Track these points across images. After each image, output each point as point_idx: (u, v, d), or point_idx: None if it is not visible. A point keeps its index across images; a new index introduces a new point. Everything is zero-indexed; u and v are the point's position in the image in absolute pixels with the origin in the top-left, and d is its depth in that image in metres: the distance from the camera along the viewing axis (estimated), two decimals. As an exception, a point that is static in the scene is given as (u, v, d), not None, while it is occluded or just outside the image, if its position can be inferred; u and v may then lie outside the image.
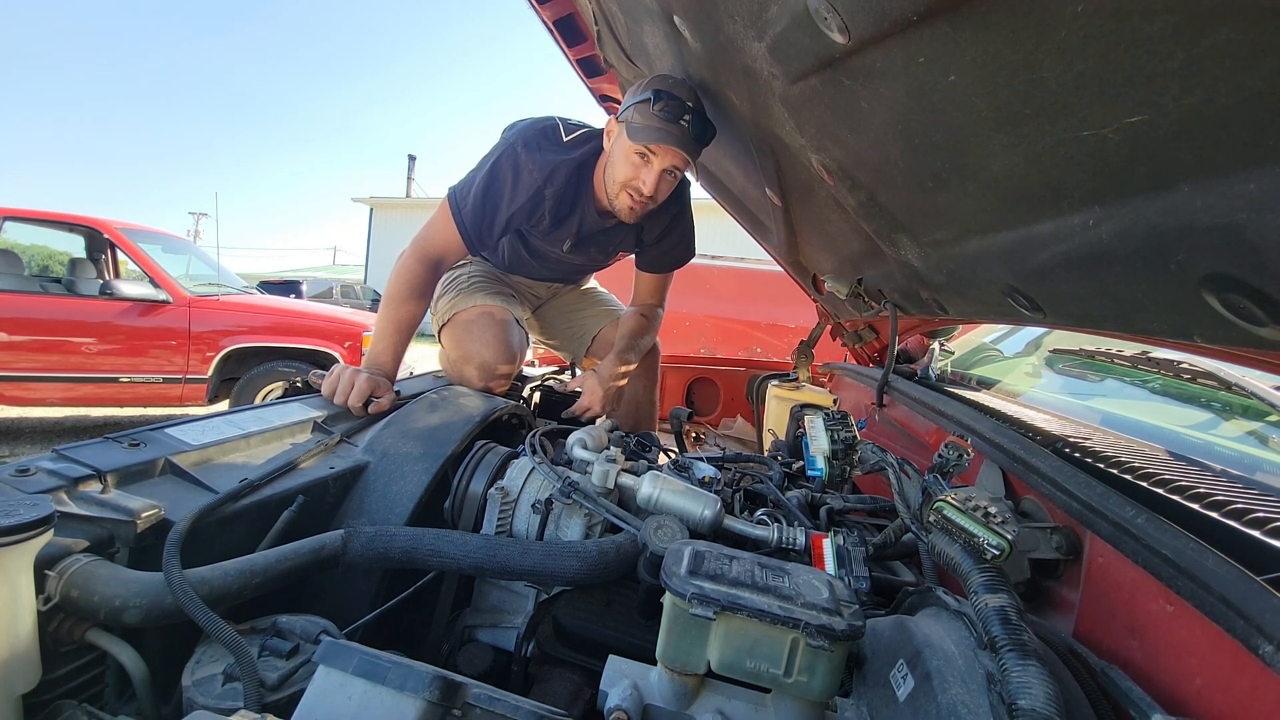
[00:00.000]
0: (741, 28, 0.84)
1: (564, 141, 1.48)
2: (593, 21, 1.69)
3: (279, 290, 11.55)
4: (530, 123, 1.51)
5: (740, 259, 5.66)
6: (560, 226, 1.55)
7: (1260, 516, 0.60)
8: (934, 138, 0.69)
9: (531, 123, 1.50)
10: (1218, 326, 0.54)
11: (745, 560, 0.61)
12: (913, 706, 0.52)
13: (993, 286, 0.88)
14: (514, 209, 1.45)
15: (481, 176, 1.45)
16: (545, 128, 1.49)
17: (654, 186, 1.38)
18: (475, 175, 1.47)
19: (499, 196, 1.45)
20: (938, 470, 0.82)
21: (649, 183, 1.38)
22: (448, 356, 1.60)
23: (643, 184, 1.38)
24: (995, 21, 0.49)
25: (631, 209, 1.45)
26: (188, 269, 4.70)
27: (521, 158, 1.44)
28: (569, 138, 1.48)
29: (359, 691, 0.47)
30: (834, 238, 1.38)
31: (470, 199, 1.45)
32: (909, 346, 1.93)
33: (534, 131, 1.47)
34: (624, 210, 1.46)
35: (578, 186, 1.49)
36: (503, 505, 0.91)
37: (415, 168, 23.64)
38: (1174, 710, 0.50)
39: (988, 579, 0.59)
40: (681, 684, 0.59)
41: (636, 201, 1.42)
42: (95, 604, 0.57)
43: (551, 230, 1.56)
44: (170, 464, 0.79)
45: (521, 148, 1.44)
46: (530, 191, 1.44)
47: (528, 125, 1.50)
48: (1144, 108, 0.45)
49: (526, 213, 1.48)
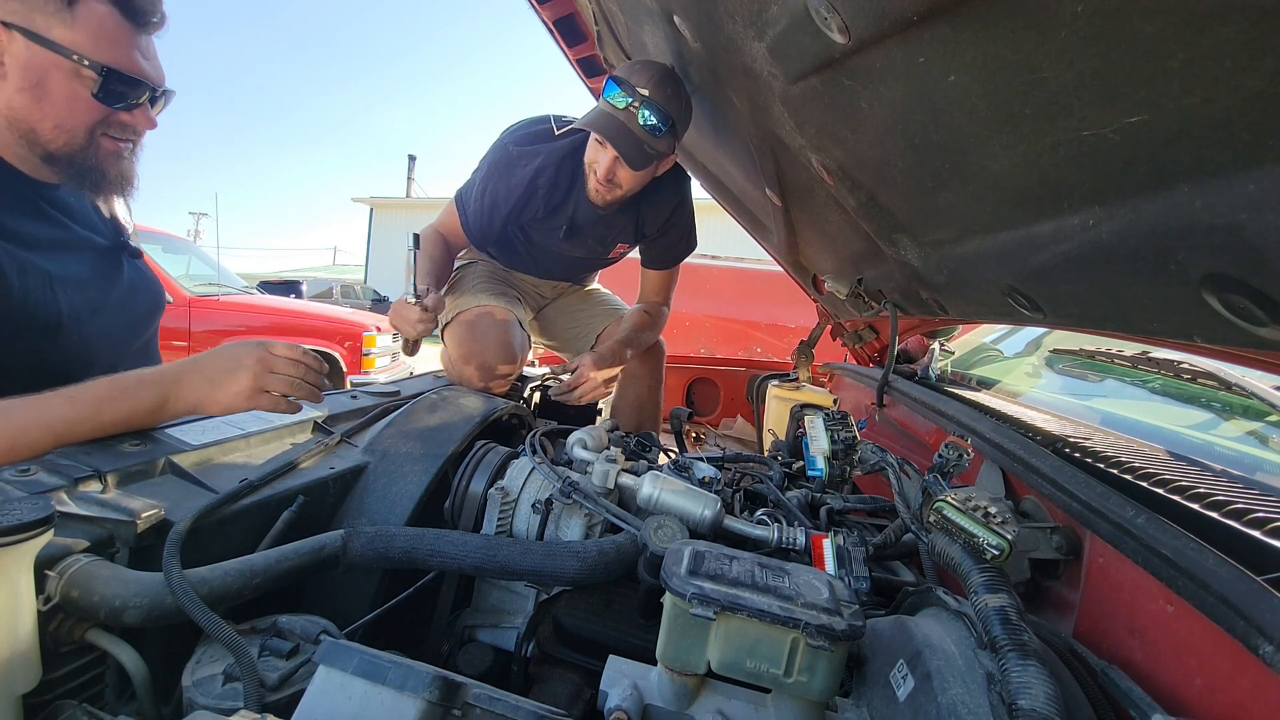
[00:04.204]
0: (741, 28, 0.84)
1: (555, 135, 1.55)
2: (593, 21, 1.70)
3: (279, 290, 11.54)
4: (524, 122, 1.61)
5: (740, 259, 5.66)
6: (554, 215, 1.60)
7: (1260, 516, 0.60)
8: (934, 138, 0.69)
9: (525, 122, 1.60)
10: (1218, 326, 0.55)
11: (745, 560, 0.61)
12: (913, 707, 0.52)
13: (993, 286, 0.88)
14: (510, 204, 1.54)
15: (480, 177, 1.55)
16: (537, 126, 1.57)
17: (606, 171, 1.44)
18: (475, 176, 1.57)
19: (496, 194, 1.54)
20: (938, 470, 0.82)
21: (602, 166, 1.44)
22: (449, 356, 1.60)
23: (598, 166, 1.45)
24: (995, 21, 0.49)
25: (597, 190, 1.50)
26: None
27: (513, 153, 1.53)
28: (560, 130, 1.55)
29: (359, 691, 0.47)
30: (834, 238, 1.38)
31: (472, 199, 1.56)
32: (909, 346, 1.93)
33: (525, 129, 1.57)
34: (592, 192, 1.52)
35: (571, 174, 1.55)
36: (503, 505, 0.91)
37: (415, 168, 23.65)
38: (1174, 710, 0.50)
39: (988, 579, 0.59)
40: (681, 684, 0.59)
41: (599, 183, 1.48)
42: (95, 604, 0.57)
43: (546, 219, 1.61)
44: (170, 464, 0.79)
45: (513, 145, 1.54)
46: (523, 185, 1.52)
47: (520, 124, 1.60)
48: (1144, 108, 0.45)
49: (522, 205, 1.56)
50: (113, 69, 0.88)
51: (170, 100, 1.01)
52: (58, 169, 0.93)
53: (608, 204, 1.54)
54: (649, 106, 1.34)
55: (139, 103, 0.94)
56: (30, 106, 0.87)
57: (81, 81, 0.87)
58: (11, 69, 0.85)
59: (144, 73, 0.92)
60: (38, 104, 0.87)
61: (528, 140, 1.54)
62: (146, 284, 1.15)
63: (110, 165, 0.95)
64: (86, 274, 1.00)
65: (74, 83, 0.87)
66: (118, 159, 0.96)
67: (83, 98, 0.88)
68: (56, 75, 0.86)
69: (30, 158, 0.91)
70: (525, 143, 1.54)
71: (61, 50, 0.84)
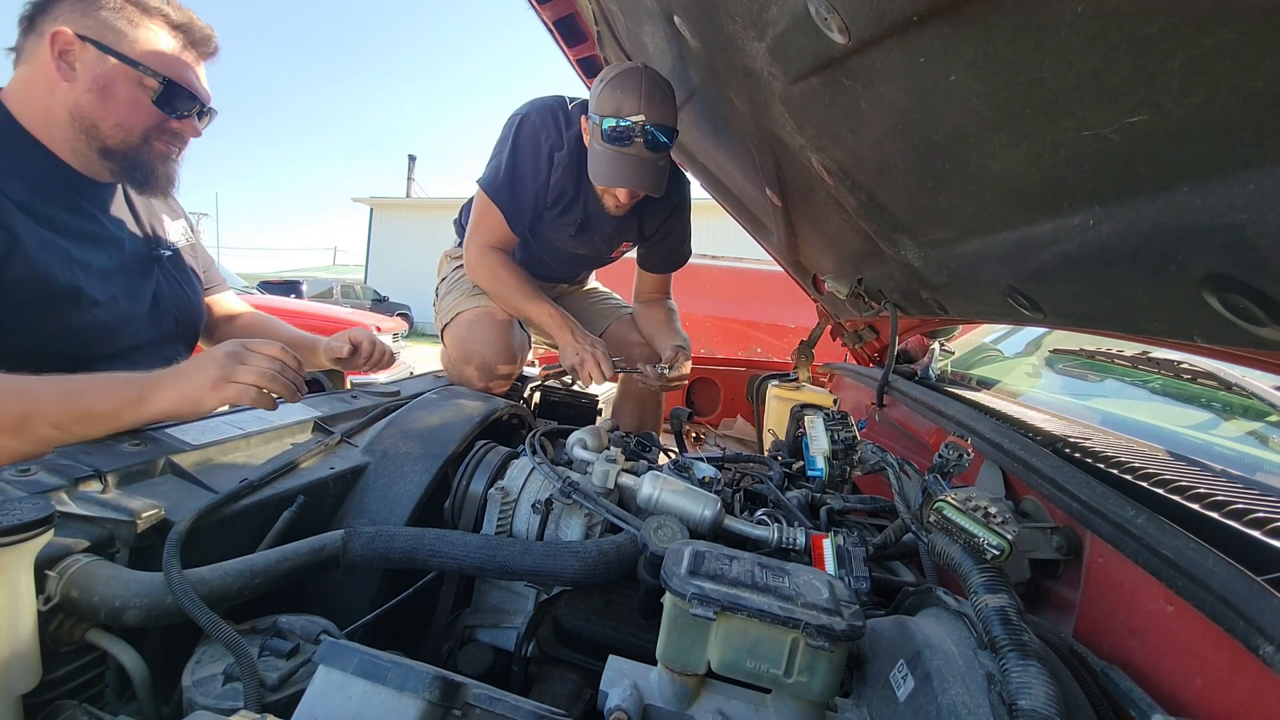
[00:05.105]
0: (741, 28, 0.84)
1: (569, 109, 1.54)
2: (593, 22, 1.70)
3: (279, 290, 11.56)
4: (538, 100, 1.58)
5: (740, 259, 5.66)
6: (567, 212, 1.59)
7: (1260, 516, 0.60)
8: (934, 138, 0.69)
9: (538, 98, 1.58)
10: (1218, 326, 0.54)
11: (745, 560, 0.61)
12: (913, 707, 0.52)
13: (993, 286, 0.88)
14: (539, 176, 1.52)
15: (507, 152, 1.51)
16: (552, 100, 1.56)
17: (628, 197, 1.47)
18: (499, 156, 1.53)
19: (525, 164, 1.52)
20: (938, 470, 0.82)
21: (623, 195, 1.47)
22: (449, 356, 1.60)
23: (617, 196, 1.48)
24: (995, 21, 0.49)
25: (617, 208, 1.52)
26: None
27: (535, 122, 1.51)
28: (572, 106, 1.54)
29: (359, 691, 0.47)
30: (834, 238, 1.38)
31: (500, 175, 1.51)
32: (909, 346, 1.93)
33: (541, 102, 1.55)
34: (610, 209, 1.54)
35: (579, 169, 1.53)
36: (503, 505, 0.91)
37: (415, 168, 23.65)
38: (1174, 710, 0.50)
39: (988, 579, 0.59)
40: (681, 684, 0.59)
41: (619, 205, 1.51)
42: (95, 604, 0.57)
43: (560, 215, 1.59)
44: (170, 464, 0.79)
45: (535, 115, 1.52)
46: (546, 153, 1.51)
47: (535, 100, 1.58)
48: (1144, 108, 0.45)
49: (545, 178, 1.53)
50: (172, 81, 1.02)
51: (214, 118, 1.15)
52: (111, 163, 1.04)
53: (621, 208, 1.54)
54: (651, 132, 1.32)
55: (189, 114, 1.08)
56: (95, 106, 0.99)
57: (144, 90, 1.01)
58: (82, 74, 0.97)
59: (197, 89, 1.07)
60: (102, 104, 0.99)
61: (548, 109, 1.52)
62: (179, 301, 1.20)
63: (159, 164, 1.08)
64: (110, 267, 1.05)
65: (137, 90, 1.01)
66: (166, 160, 1.09)
67: (144, 103, 1.02)
68: (123, 82, 0.99)
69: (87, 152, 1.01)
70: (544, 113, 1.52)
71: (131, 62, 0.99)
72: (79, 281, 0.97)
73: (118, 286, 1.05)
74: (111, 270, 1.05)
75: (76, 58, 0.97)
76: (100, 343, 1.02)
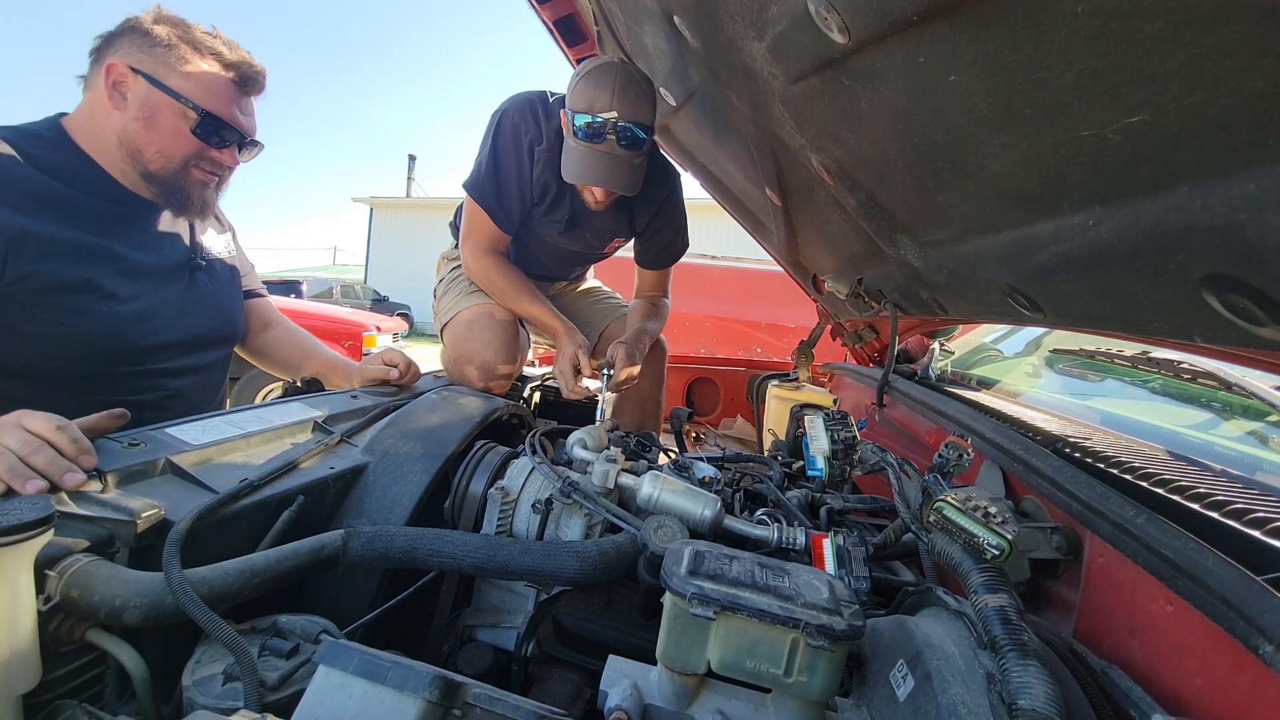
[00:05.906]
0: (741, 28, 0.84)
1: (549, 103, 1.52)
2: (593, 22, 1.70)
3: (279, 290, 11.56)
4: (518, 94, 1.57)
5: (740, 259, 5.66)
6: (554, 209, 1.58)
7: (1260, 516, 0.60)
8: (934, 138, 0.69)
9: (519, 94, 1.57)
10: (1218, 326, 0.55)
11: (745, 560, 0.61)
12: (913, 706, 0.53)
13: (993, 286, 0.88)
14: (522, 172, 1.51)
15: (488, 151, 1.51)
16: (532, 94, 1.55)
17: (604, 196, 1.46)
18: (481, 156, 1.52)
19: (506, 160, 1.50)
20: (938, 470, 0.82)
21: (600, 193, 1.45)
22: (448, 356, 1.60)
23: (594, 193, 1.46)
24: (995, 21, 0.49)
25: (596, 204, 1.51)
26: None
27: (514, 117, 1.50)
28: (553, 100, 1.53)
29: (359, 691, 0.47)
30: (834, 238, 1.38)
31: (483, 175, 1.51)
32: (909, 346, 1.93)
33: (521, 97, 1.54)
34: (590, 205, 1.53)
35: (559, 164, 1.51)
36: (503, 505, 0.91)
37: (415, 168, 23.65)
38: (1174, 710, 0.50)
39: (988, 579, 0.59)
40: (681, 684, 0.59)
41: (597, 202, 1.50)
42: (95, 604, 0.57)
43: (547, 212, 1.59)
44: (170, 464, 0.79)
45: (514, 110, 1.51)
46: (527, 148, 1.50)
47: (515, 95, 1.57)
48: (1144, 108, 0.45)
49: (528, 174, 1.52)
50: (211, 114, 1.10)
51: (259, 151, 1.23)
52: (152, 186, 1.12)
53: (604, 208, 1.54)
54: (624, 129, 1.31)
55: (228, 144, 1.15)
56: (140, 133, 1.07)
57: (185, 120, 1.09)
58: (131, 102, 1.07)
59: (238, 122, 1.15)
60: (147, 132, 1.07)
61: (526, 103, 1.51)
62: (212, 308, 1.26)
63: (195, 191, 1.16)
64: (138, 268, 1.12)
65: (179, 121, 1.09)
66: (203, 187, 1.17)
67: (184, 133, 1.09)
68: (167, 113, 1.08)
69: (131, 173, 1.10)
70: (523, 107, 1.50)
71: (175, 95, 1.07)
72: (89, 275, 1.03)
73: (144, 285, 1.12)
74: (139, 270, 1.12)
75: (129, 88, 1.06)
76: (120, 334, 1.08)
